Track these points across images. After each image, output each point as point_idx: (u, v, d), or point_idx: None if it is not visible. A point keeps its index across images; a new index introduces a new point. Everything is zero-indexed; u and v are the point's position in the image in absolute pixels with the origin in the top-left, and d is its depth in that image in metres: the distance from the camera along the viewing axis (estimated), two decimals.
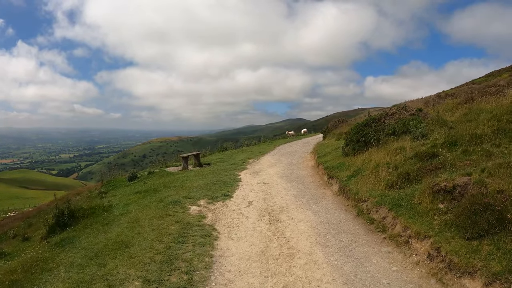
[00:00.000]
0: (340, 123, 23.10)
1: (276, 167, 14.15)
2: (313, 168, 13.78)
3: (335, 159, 12.65)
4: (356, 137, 11.94)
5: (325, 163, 12.52)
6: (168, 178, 12.88)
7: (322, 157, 14.01)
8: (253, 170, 13.33)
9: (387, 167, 8.79)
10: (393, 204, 7.06)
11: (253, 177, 11.99)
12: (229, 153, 19.70)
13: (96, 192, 14.94)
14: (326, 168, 11.84)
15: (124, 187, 14.16)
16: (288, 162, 15.52)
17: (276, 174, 12.48)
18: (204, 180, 11.32)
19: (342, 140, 16.60)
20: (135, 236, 6.37)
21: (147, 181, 13.40)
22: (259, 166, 14.44)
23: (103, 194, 13.88)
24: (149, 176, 14.66)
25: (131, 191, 11.44)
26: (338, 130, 19.79)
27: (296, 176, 12.26)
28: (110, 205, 9.58)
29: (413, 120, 11.02)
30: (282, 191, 9.87)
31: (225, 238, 6.41)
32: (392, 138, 10.73)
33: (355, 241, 6.37)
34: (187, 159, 15.12)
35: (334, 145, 15.63)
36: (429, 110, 12.11)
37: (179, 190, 9.94)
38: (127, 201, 9.88)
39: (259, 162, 15.60)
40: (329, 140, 18.80)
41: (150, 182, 12.83)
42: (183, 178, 12.18)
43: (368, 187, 8.29)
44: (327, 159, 13.11)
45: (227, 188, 10.06)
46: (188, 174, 13.05)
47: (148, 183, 12.59)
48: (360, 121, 12.60)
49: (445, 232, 5.77)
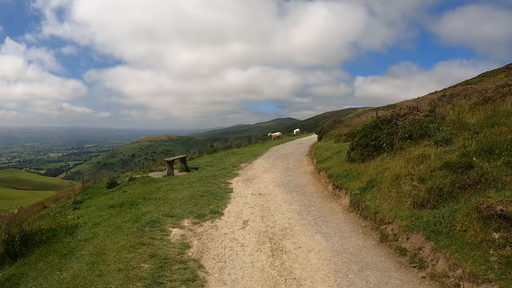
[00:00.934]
0: (336, 124, 21.57)
1: (271, 172, 12.48)
2: (312, 174, 12.16)
3: (339, 165, 11.05)
4: (364, 141, 10.36)
5: (328, 170, 10.90)
6: (150, 186, 11.09)
7: (323, 162, 12.40)
8: (246, 177, 11.62)
9: (410, 179, 7.20)
10: (429, 230, 5.46)
11: (246, 186, 10.28)
12: (219, 156, 17.95)
13: (71, 201, 13.07)
14: (330, 176, 10.21)
15: (101, 196, 12.31)
16: (283, 166, 13.87)
17: (273, 182, 10.81)
18: (190, 190, 9.57)
19: (343, 142, 15.04)
20: (95, 280, 4.60)
21: (127, 190, 11.59)
22: (252, 171, 12.73)
23: (77, 205, 12.03)
24: (130, 183, 12.83)
25: (106, 204, 9.60)
26: (336, 131, 18.25)
27: (296, 184, 10.61)
28: (76, 225, 7.74)
29: (432, 122, 9.49)
30: (282, 206, 8.19)
31: (215, 281, 4.64)
32: (409, 143, 9.17)
33: (386, 282, 4.73)
34: (172, 163, 13.32)
35: (335, 148, 14.05)
36: (447, 111, 10.62)
37: (160, 204, 8.17)
38: (97, 218, 8.05)
39: (252, 166, 13.91)
40: (327, 142, 17.23)
41: (129, 192, 11.04)
42: (166, 187, 10.40)
43: (390, 205, 6.68)
44: (330, 164, 11.50)
45: (217, 201, 8.31)
46: (173, 181, 11.27)
47: (127, 193, 10.79)
48: (368, 122, 11.03)
49: (509, 274, 4.23)
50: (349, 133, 15.23)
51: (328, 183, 10.13)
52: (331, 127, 21.31)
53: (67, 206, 12.87)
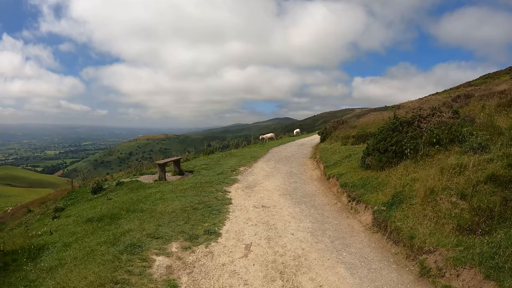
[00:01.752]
0: (340, 124, 20.25)
1: (274, 178, 11.12)
2: (320, 181, 10.82)
3: (351, 172, 9.71)
4: (383, 145, 9.01)
5: (339, 177, 9.56)
6: (137, 194, 9.70)
7: (332, 167, 11.05)
8: (246, 184, 10.25)
9: (448, 194, 5.87)
10: (487, 265, 4.13)
11: (247, 195, 8.91)
12: (216, 157, 16.55)
13: (52, 208, 11.69)
14: (344, 185, 8.87)
15: (84, 203, 10.93)
16: (287, 171, 12.52)
17: (277, 191, 9.45)
18: (183, 200, 8.18)
19: (351, 145, 13.71)
20: None
21: (112, 197, 10.22)
22: (252, 177, 11.36)
23: (58, 213, 10.67)
24: (116, 189, 11.44)
25: (85, 216, 8.19)
26: (341, 132, 16.91)
27: (303, 193, 9.25)
28: (43, 246, 6.37)
29: (462, 125, 8.18)
30: (291, 223, 6.83)
31: None
32: (436, 149, 7.85)
33: None
34: (164, 166, 11.92)
35: (343, 152, 12.71)
36: (475, 114, 9.31)
37: (145, 220, 6.78)
38: (70, 237, 6.66)
39: (252, 171, 12.53)
40: (332, 144, 15.89)
41: (114, 200, 9.66)
42: (155, 195, 9.02)
43: (427, 227, 5.33)
44: (341, 171, 10.16)
45: (213, 217, 6.90)
46: (163, 188, 9.88)
47: (111, 201, 9.41)
48: (386, 124, 9.70)
49: None
50: (358, 135, 13.91)
51: (341, 193, 8.79)
52: (335, 128, 20.00)
53: (48, 213, 11.51)
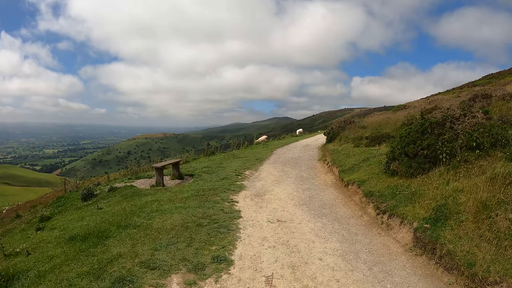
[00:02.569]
0: (347, 124, 19.03)
1: (285, 184, 9.87)
2: (336, 187, 9.59)
3: (374, 178, 8.47)
4: (412, 149, 7.77)
5: (361, 185, 8.32)
6: (132, 203, 8.43)
7: (349, 172, 9.82)
8: (255, 191, 8.98)
9: (504, 210, 4.68)
10: None
11: (257, 205, 7.63)
12: (218, 159, 15.27)
13: (37, 217, 10.41)
14: (368, 194, 7.63)
15: (72, 212, 9.65)
16: (297, 175, 11.28)
17: (290, 199, 8.20)
18: (183, 212, 6.90)
19: (365, 147, 12.49)
20: None
21: (102, 206, 8.93)
22: (260, 182, 10.10)
23: (43, 223, 9.40)
24: (108, 196, 10.16)
25: (69, 231, 6.92)
26: (351, 133, 15.68)
27: (321, 203, 8.00)
28: (13, 275, 5.11)
29: (504, 128, 6.99)
30: (315, 243, 5.57)
31: None
32: (477, 154, 6.66)
33: None
34: (162, 170, 10.64)
35: (358, 154, 11.46)
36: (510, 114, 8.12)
37: (139, 240, 5.51)
38: (47, 262, 5.33)
39: (259, 175, 11.26)
40: (342, 146, 14.65)
41: (104, 210, 8.38)
42: (151, 205, 7.74)
43: (488, 252, 4.09)
44: (361, 177, 8.93)
45: (221, 236, 5.60)
46: (161, 196, 8.61)
47: (101, 212, 8.15)
48: (414, 126, 8.47)
49: None
50: (372, 136, 12.68)
51: (366, 204, 7.55)
52: (343, 128, 18.78)
53: (33, 223, 10.23)
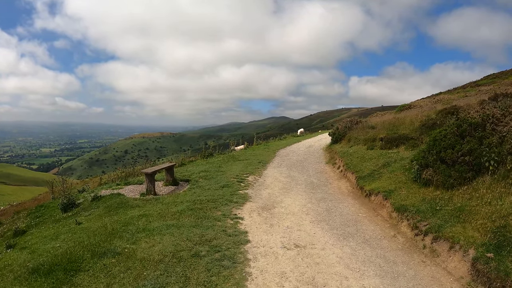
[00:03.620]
0: (354, 124, 17.64)
1: (295, 193, 8.44)
2: (354, 196, 8.17)
3: (402, 188, 7.05)
4: (450, 155, 6.37)
5: (388, 196, 6.90)
6: (115, 217, 6.96)
7: (369, 179, 8.40)
8: (262, 202, 7.50)
9: None
10: None
11: (267, 223, 6.16)
12: (217, 162, 13.78)
13: (12, 230, 8.88)
14: (400, 209, 6.20)
15: (49, 225, 8.11)
16: (306, 181, 9.86)
17: (305, 214, 6.75)
18: (176, 234, 5.42)
19: (379, 149, 11.08)
20: None
21: (82, 220, 7.43)
22: (267, 191, 8.65)
23: (15, 238, 7.89)
24: (91, 206, 8.65)
25: (36, 260, 5.46)
26: (362, 134, 14.27)
27: (342, 218, 6.57)
28: None
29: None
30: (349, 279, 4.10)
31: None
32: None
33: None
34: (153, 176, 9.16)
35: (375, 158, 10.04)
36: None
37: (116, 278, 4.03)
38: None
39: (264, 181, 9.81)
40: (353, 147, 13.22)
41: (83, 226, 6.89)
42: (138, 222, 6.28)
43: None
44: (385, 186, 7.51)
45: (225, 274, 4.02)
46: (151, 210, 7.14)
47: (78, 230, 6.66)
48: (449, 128, 7.08)
49: None
50: (388, 137, 11.27)
51: (399, 220, 6.14)
52: (349, 128, 17.38)
53: (7, 236, 8.72)
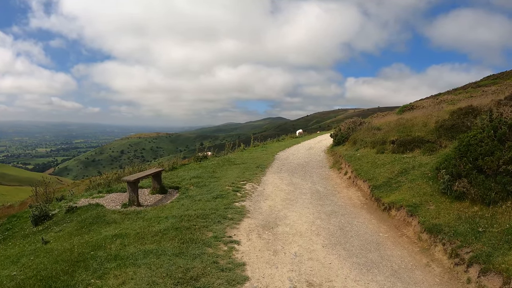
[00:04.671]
0: (358, 125, 16.46)
1: (299, 205, 7.19)
2: (368, 208, 6.94)
3: (430, 201, 5.82)
4: (489, 164, 5.14)
5: (413, 211, 5.66)
6: (86, 237, 5.66)
7: (386, 189, 7.16)
8: (263, 219, 6.20)
9: None
10: None
11: (270, 250, 4.84)
12: (211, 166, 12.47)
13: None
14: (432, 229, 4.99)
15: (17, 241, 6.79)
16: (311, 189, 8.62)
17: (315, 234, 5.48)
18: (154, 266, 4.12)
19: (391, 153, 9.88)
20: None
21: (49, 238, 6.14)
22: (267, 202, 7.38)
23: None
24: (65, 220, 7.31)
25: None
26: (368, 136, 13.04)
27: (360, 240, 5.32)
28: None
29: None
30: None
31: None
32: None
33: None
34: (136, 185, 7.85)
35: (389, 164, 8.78)
36: None
37: None
38: None
39: (264, 190, 8.54)
40: (359, 150, 11.96)
41: (49, 246, 5.62)
42: (111, 246, 4.98)
43: None
44: (408, 198, 6.29)
45: None
46: (129, 227, 5.86)
47: (41, 252, 5.39)
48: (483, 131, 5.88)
49: None
50: (401, 140, 10.05)
51: (431, 244, 4.89)
52: (353, 129, 16.18)
53: None
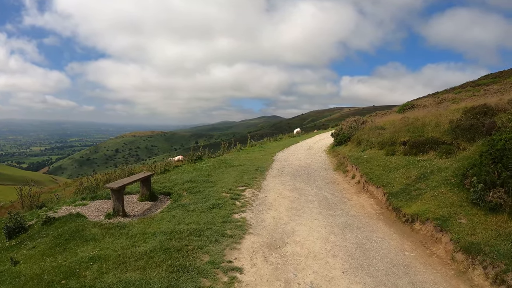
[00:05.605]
0: (360, 124, 15.64)
1: (308, 215, 6.28)
2: (385, 219, 6.06)
3: (458, 212, 4.96)
4: None
5: (443, 226, 4.79)
6: (59, 259, 4.68)
7: (404, 198, 6.29)
8: (267, 235, 5.19)
9: None
10: None
11: (280, 279, 3.77)
12: (205, 168, 11.52)
13: None
14: (468, 249, 4.11)
15: None
16: (317, 195, 7.73)
17: (331, 254, 4.54)
18: None
19: (402, 155, 9.04)
20: None
21: (20, 258, 5.15)
22: (271, 213, 6.45)
23: None
24: (40, 234, 6.30)
25: None
26: (373, 135, 12.19)
27: (384, 261, 4.39)
28: None
29: None
30: None
31: None
32: None
33: None
34: (120, 193, 6.88)
35: (403, 168, 7.88)
36: None
37: None
38: None
39: (265, 197, 7.61)
40: (366, 151, 11.06)
41: (17, 269, 4.66)
42: (85, 273, 4.02)
43: None
44: (433, 209, 5.41)
45: None
46: (109, 247, 4.89)
47: (7, 277, 4.44)
48: None
49: None
50: (413, 141, 9.19)
51: (468, 265, 4.03)
52: (355, 128, 15.35)
53: None
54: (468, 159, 6.63)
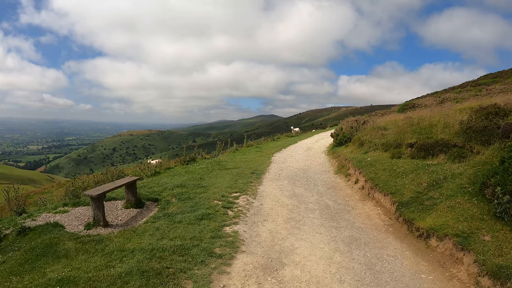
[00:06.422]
0: (361, 125, 14.99)
1: (308, 228, 5.63)
2: (394, 231, 5.41)
3: (481, 227, 4.30)
4: None
5: (465, 245, 4.12)
6: (25, 281, 4.02)
7: (416, 209, 5.62)
8: (262, 254, 4.52)
9: None
10: None
11: None
12: (198, 171, 10.82)
13: None
14: (496, 273, 3.45)
15: None
16: (318, 203, 7.08)
17: (337, 279, 3.82)
18: None
19: (410, 158, 8.40)
20: None
21: None
22: (266, 225, 5.75)
23: None
24: (13, 245, 5.55)
25: None
26: (376, 137, 11.54)
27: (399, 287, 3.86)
28: None
29: None
30: None
31: None
32: None
33: None
34: (100, 201, 6.19)
35: (412, 173, 7.23)
36: None
37: None
38: None
39: (261, 205, 6.95)
40: (369, 153, 10.40)
41: None
42: None
43: None
44: (450, 223, 4.74)
45: None
46: (81, 267, 4.19)
47: None
48: None
49: None
50: (421, 144, 8.54)
51: None
52: (356, 129, 14.70)
53: None
54: (486, 165, 5.98)
